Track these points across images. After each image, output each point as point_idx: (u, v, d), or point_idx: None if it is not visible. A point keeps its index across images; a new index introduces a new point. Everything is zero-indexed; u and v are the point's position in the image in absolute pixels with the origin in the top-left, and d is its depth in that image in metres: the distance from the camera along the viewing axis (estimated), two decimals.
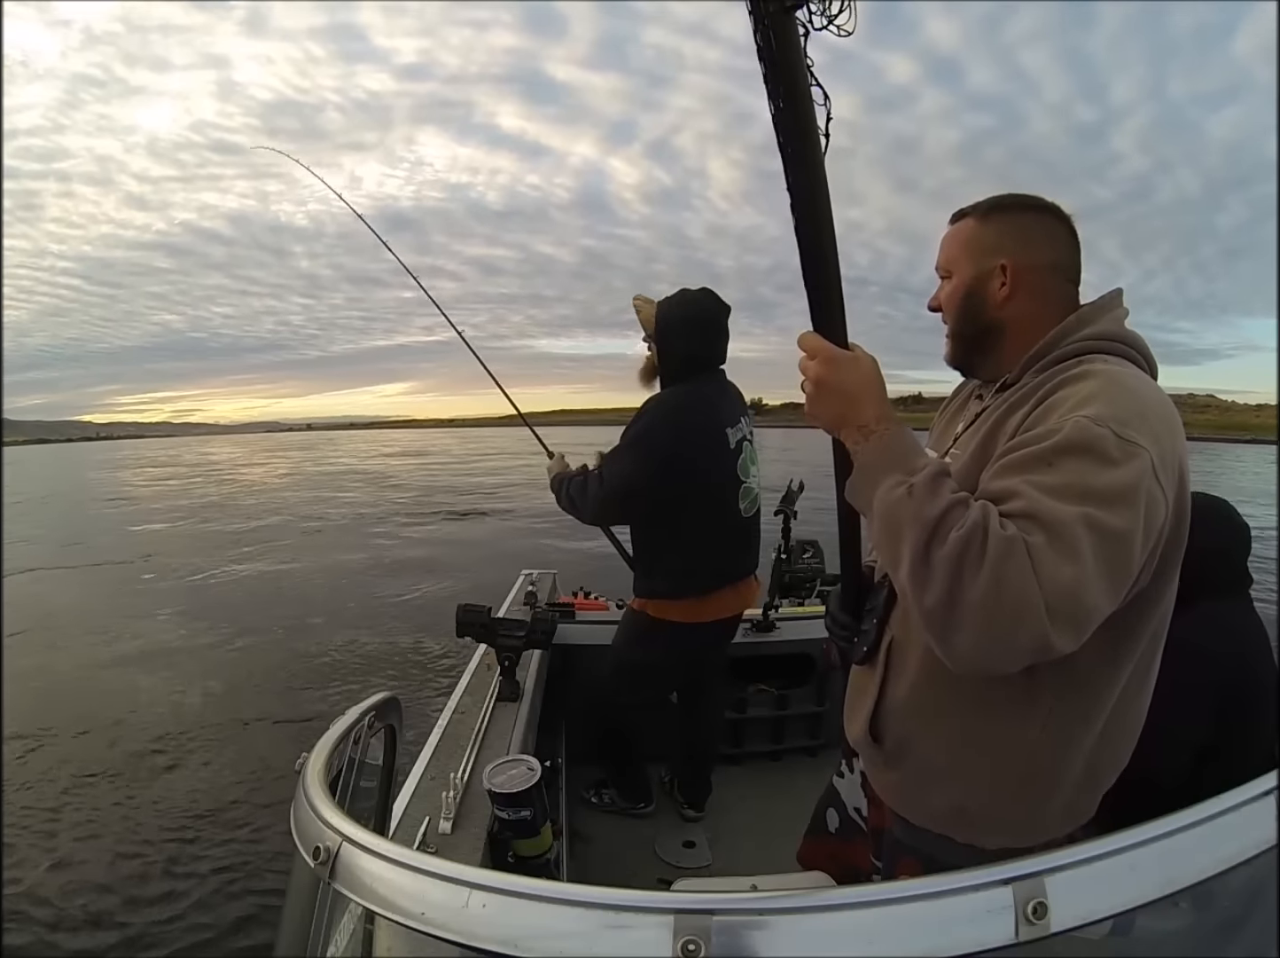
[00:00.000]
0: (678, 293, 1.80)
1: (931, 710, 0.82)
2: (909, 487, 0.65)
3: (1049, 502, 0.60)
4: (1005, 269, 0.81)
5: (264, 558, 8.73)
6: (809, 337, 0.75)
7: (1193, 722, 1.18)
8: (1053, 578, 0.57)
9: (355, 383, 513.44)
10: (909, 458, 0.69)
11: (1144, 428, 0.64)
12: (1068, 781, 0.77)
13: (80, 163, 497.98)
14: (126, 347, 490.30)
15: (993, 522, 0.60)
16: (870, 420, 0.71)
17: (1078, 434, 0.63)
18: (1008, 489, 0.64)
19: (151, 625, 5.81)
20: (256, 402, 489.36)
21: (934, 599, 0.60)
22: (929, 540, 0.61)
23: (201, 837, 2.79)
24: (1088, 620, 0.60)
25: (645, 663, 1.89)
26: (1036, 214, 0.84)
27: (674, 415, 1.72)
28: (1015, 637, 0.58)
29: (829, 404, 0.74)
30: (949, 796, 0.81)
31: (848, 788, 1.12)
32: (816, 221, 0.70)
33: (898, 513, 0.65)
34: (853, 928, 0.36)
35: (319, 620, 5.87)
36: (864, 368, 0.74)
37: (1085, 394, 0.68)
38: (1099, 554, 0.59)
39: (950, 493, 0.63)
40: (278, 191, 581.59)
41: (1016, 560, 0.57)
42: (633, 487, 1.70)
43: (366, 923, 0.59)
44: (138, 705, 4.09)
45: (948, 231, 0.88)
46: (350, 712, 0.67)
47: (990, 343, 0.85)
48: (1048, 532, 0.59)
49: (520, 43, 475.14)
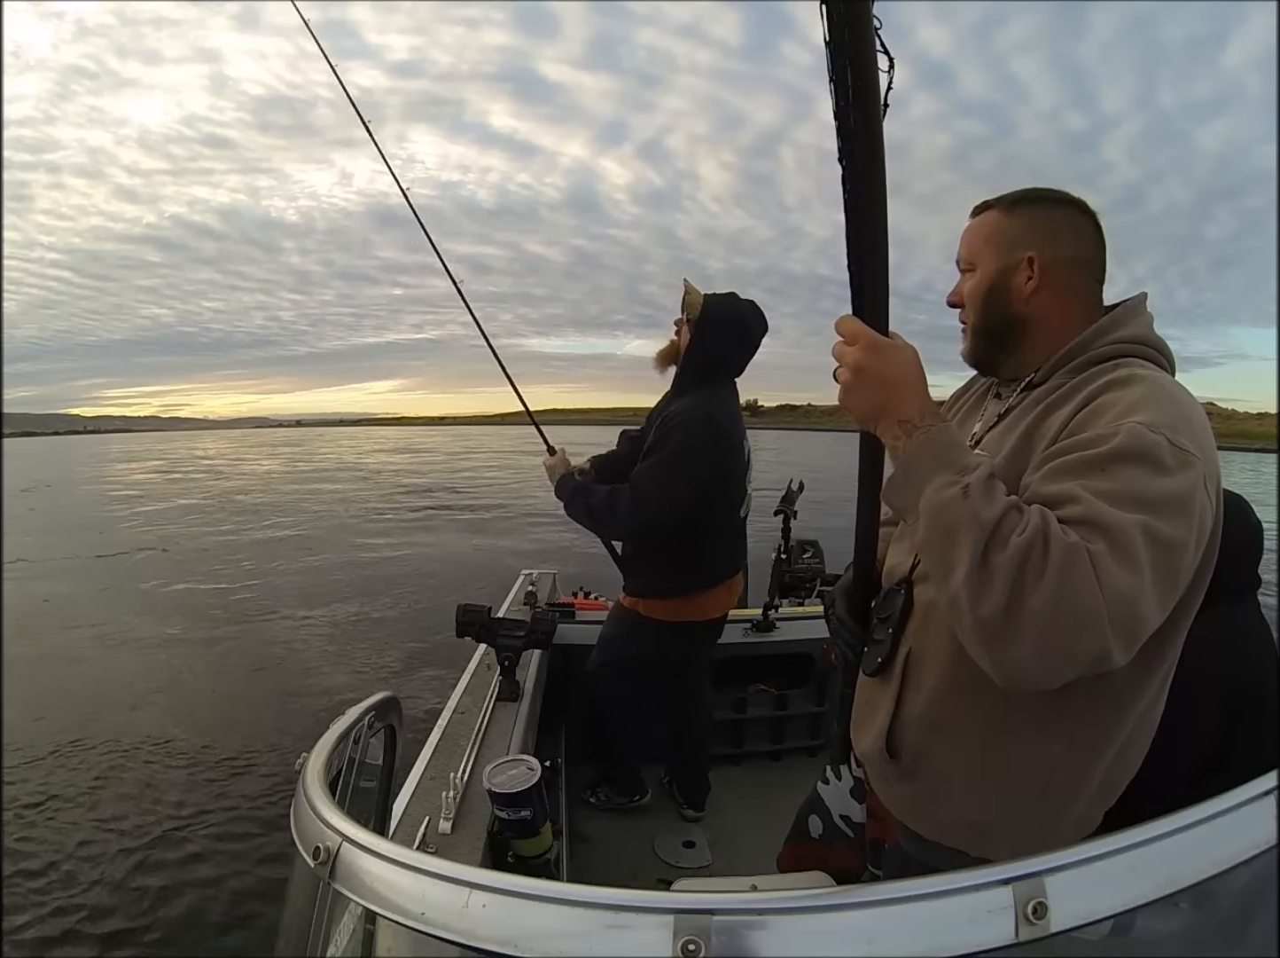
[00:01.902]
0: (728, 293, 1.80)
1: (952, 725, 0.79)
2: (964, 487, 0.61)
3: (1108, 508, 0.58)
4: (1032, 262, 0.79)
5: (264, 557, 8.72)
6: (849, 320, 0.69)
7: (1198, 732, 1.16)
8: (1115, 587, 0.55)
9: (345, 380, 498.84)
10: (959, 455, 0.65)
11: (1193, 436, 0.63)
12: (1083, 798, 0.75)
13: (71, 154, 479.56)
14: (115, 340, 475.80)
15: (1054, 527, 0.57)
16: (914, 415, 0.67)
17: (1133, 440, 0.61)
18: (1064, 493, 0.61)
19: (151, 625, 5.80)
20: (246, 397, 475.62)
21: (993, 607, 0.56)
22: (988, 544, 0.57)
23: (201, 837, 2.78)
24: (1143, 631, 0.59)
25: (632, 658, 1.90)
26: (1063, 208, 0.81)
27: (710, 434, 1.70)
28: (1076, 648, 0.56)
29: (867, 394, 0.69)
30: (965, 810, 0.79)
31: (833, 795, 1.11)
32: (871, 194, 0.64)
33: (952, 514, 0.61)
34: (853, 928, 0.36)
35: (318, 619, 5.87)
36: (906, 357, 0.69)
37: (1135, 399, 0.65)
38: (1155, 564, 0.57)
39: (1005, 494, 0.61)
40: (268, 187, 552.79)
41: (1081, 568, 0.55)
42: (671, 503, 1.67)
43: (366, 923, 0.59)
44: (134, 705, 4.09)
45: (970, 224, 0.86)
46: (350, 712, 0.67)
47: (1014, 339, 0.82)
48: (1109, 539, 0.56)
49: (512, 42, 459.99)
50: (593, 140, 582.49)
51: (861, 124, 0.61)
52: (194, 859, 2.64)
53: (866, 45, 0.58)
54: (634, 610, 1.87)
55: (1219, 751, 1.18)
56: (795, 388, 30.15)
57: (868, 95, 0.60)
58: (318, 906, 0.53)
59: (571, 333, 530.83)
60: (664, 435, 1.69)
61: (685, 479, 1.66)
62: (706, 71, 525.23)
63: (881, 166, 0.63)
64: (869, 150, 0.62)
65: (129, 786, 3.19)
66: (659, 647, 1.88)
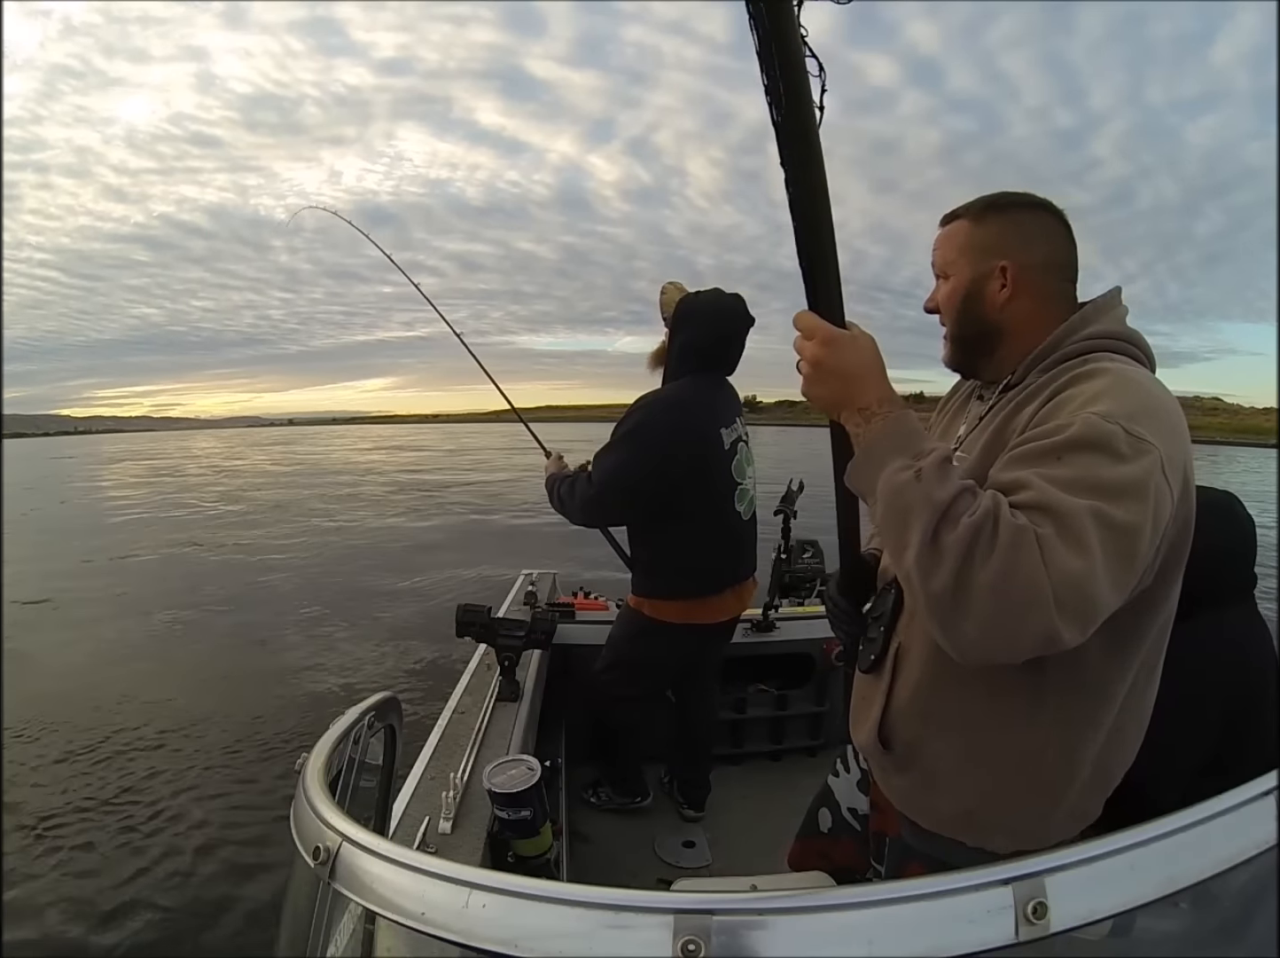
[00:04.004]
0: (711, 288, 1.79)
1: (938, 714, 0.82)
2: (917, 470, 0.63)
3: (1059, 493, 0.60)
4: (1005, 270, 0.81)
5: (262, 557, 8.72)
6: (805, 315, 0.73)
7: (1196, 739, 1.15)
8: (1061, 569, 0.57)
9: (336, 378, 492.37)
10: (914, 440, 0.67)
11: (1153, 425, 0.64)
12: (1076, 783, 0.77)
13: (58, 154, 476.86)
14: (105, 340, 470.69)
15: (1004, 510, 0.59)
16: (872, 402, 0.70)
17: (1088, 430, 0.63)
18: (1017, 480, 0.63)
19: (148, 623, 5.80)
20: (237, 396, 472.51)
21: (941, 584, 0.59)
22: (939, 524, 0.60)
23: (200, 837, 2.78)
24: (1094, 613, 0.60)
25: (640, 660, 1.89)
26: (1033, 212, 0.83)
27: (670, 411, 1.69)
28: (1022, 626, 0.57)
29: (827, 385, 0.72)
30: (958, 799, 0.81)
31: (843, 788, 1.12)
32: (812, 195, 0.67)
33: (905, 496, 0.63)
34: (853, 928, 0.36)
35: (318, 618, 5.86)
36: (863, 347, 0.72)
37: (1095, 391, 0.68)
38: (1107, 548, 0.59)
39: (959, 478, 0.63)
40: (256, 185, 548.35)
41: (1027, 550, 0.57)
42: (623, 483, 1.68)
43: (366, 923, 0.59)
44: (132, 704, 4.08)
45: (941, 233, 0.87)
46: (350, 712, 0.67)
47: (991, 345, 0.85)
48: (1057, 523, 0.58)
49: (499, 39, 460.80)
50: (581, 137, 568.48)
51: (796, 128, 0.64)
52: (193, 859, 2.64)
53: (795, 53, 0.61)
54: (639, 611, 1.87)
55: (1218, 755, 1.16)
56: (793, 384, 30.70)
57: (800, 101, 0.63)
58: (318, 906, 0.53)
59: (562, 330, 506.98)
60: (625, 417, 1.72)
61: (639, 454, 1.66)
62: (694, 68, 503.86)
63: (820, 167, 0.67)
64: (805, 153, 0.65)
65: (127, 786, 3.18)
66: (667, 648, 1.87)
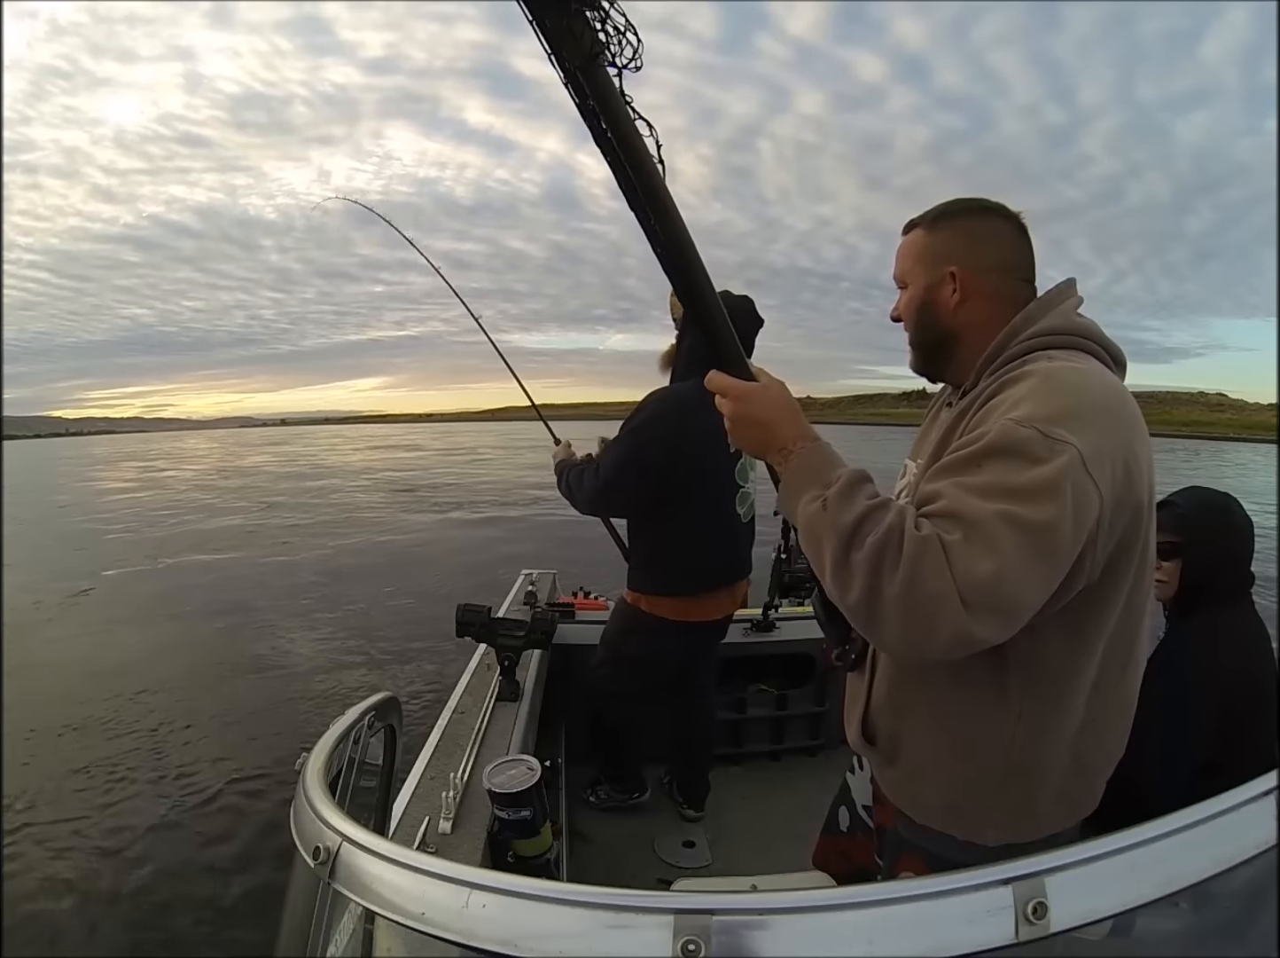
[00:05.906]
0: (720, 290, 1.79)
1: (911, 708, 0.85)
2: (823, 500, 0.68)
3: (970, 500, 0.63)
4: (954, 276, 0.83)
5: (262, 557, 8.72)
6: (715, 377, 0.80)
7: (1194, 740, 1.14)
8: (967, 572, 0.59)
9: (328, 378, 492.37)
10: (823, 472, 0.72)
11: (1075, 424, 0.66)
12: (1054, 770, 0.78)
13: (47, 155, 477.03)
14: (95, 341, 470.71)
15: (908, 523, 0.63)
16: (788, 442, 0.75)
17: (1003, 437, 0.66)
18: (934, 491, 0.67)
19: (146, 623, 5.80)
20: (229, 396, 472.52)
21: (855, 599, 0.63)
22: (847, 547, 0.64)
23: (200, 837, 2.78)
24: (1014, 610, 0.62)
25: (635, 656, 1.89)
26: (982, 217, 0.85)
27: (678, 409, 1.71)
28: (935, 629, 0.60)
29: (748, 434, 0.79)
30: (939, 791, 0.83)
31: (858, 785, 1.13)
32: (681, 252, 0.71)
33: (815, 525, 0.68)
34: (853, 928, 0.36)
35: (318, 618, 5.87)
36: (772, 395, 0.78)
37: (1019, 396, 0.70)
38: (1022, 548, 0.61)
39: (866, 499, 0.66)
40: (245, 185, 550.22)
41: (931, 558, 0.60)
42: (628, 476, 1.70)
43: (366, 923, 0.59)
44: (132, 705, 4.09)
45: (901, 243, 0.90)
46: (350, 712, 0.67)
47: (948, 350, 0.87)
48: (966, 529, 0.61)
49: (486, 37, 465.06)
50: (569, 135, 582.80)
51: (646, 187, 0.69)
52: (193, 859, 2.64)
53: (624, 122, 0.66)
54: (635, 607, 1.87)
55: (1217, 754, 1.15)
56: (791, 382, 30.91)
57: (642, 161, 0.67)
58: (318, 906, 0.53)
59: (553, 328, 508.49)
60: (634, 412, 1.75)
61: (644, 447, 1.68)
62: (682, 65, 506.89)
63: (680, 223, 0.71)
64: (660, 208, 0.71)
65: (127, 786, 3.18)
66: (661, 645, 1.87)
